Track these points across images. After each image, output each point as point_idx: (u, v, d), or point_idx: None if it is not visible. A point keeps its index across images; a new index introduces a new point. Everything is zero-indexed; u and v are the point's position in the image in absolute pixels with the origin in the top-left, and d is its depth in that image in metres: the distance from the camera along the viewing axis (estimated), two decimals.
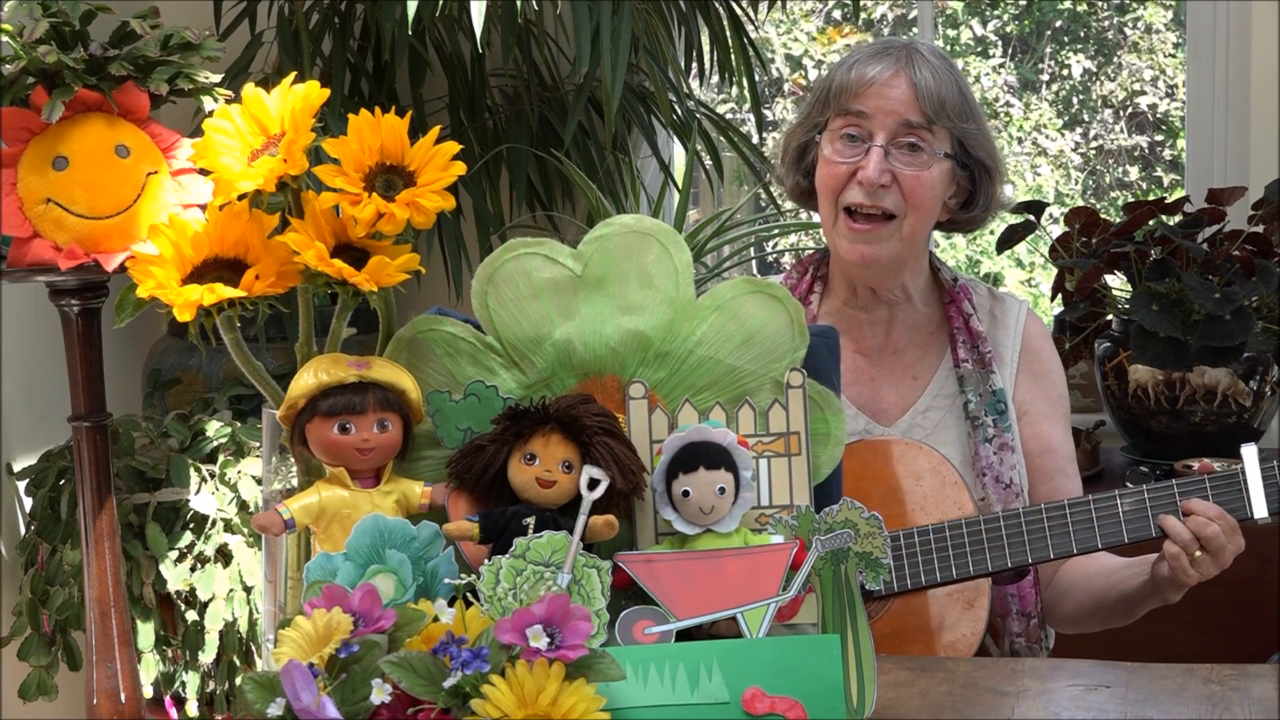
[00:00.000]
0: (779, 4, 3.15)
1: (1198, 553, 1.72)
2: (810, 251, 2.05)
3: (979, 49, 5.60)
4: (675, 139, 3.12)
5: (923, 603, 1.78)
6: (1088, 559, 1.92)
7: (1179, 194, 2.91)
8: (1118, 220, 2.86)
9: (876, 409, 1.96)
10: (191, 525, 2.47)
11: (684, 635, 1.32)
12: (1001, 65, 5.61)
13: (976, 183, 1.94)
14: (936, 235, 2.12)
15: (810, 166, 1.95)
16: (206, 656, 2.46)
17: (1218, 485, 1.75)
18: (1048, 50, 5.54)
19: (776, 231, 3.17)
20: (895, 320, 1.98)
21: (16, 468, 2.67)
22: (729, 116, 3.63)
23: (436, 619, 1.23)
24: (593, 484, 1.31)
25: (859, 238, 1.88)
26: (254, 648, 2.48)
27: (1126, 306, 2.79)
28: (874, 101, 1.86)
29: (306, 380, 1.35)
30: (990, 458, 1.90)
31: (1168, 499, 1.74)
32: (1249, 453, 1.74)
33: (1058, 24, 5.52)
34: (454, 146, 1.36)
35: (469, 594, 1.24)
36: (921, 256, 1.97)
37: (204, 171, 1.41)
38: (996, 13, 5.58)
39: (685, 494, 1.33)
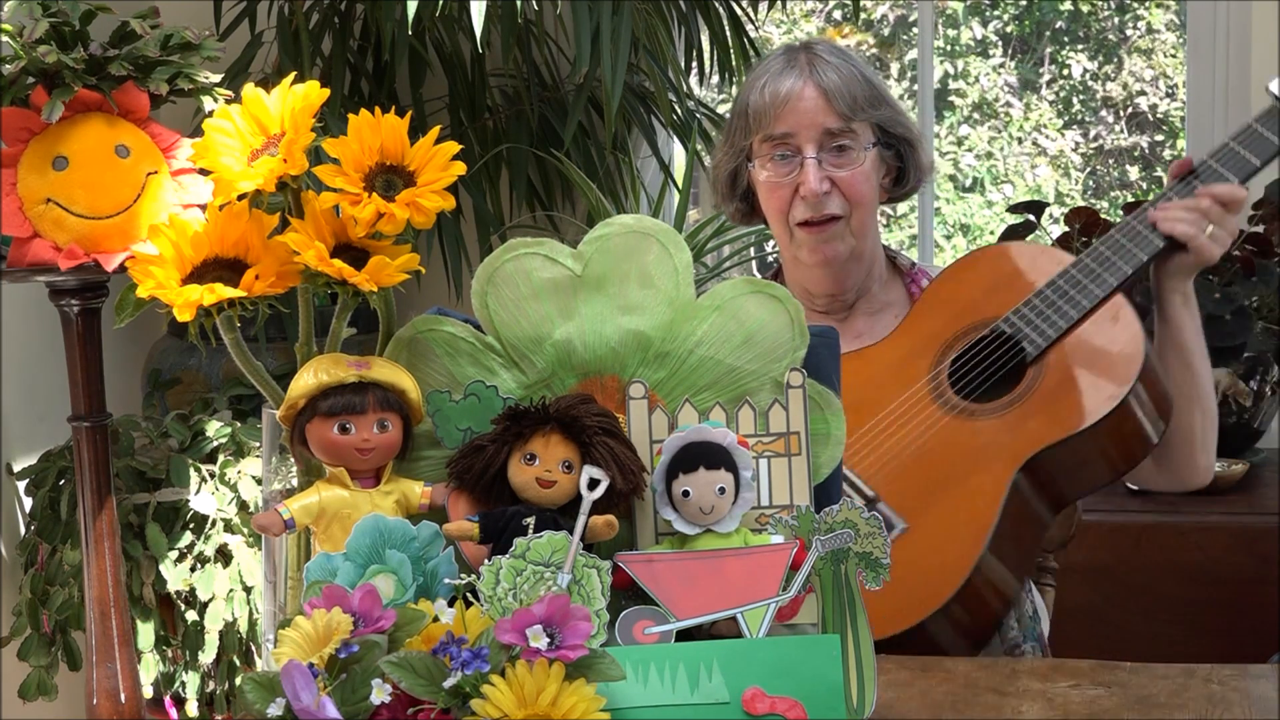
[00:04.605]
0: (779, 4, 3.15)
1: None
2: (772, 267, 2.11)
3: (979, 49, 5.60)
4: (675, 139, 3.12)
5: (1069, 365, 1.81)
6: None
7: None
8: (1118, 220, 2.85)
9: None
10: (191, 525, 2.47)
11: (684, 635, 1.32)
12: (1001, 65, 5.61)
13: (904, 157, 2.00)
14: (937, 237, 2.14)
15: (745, 191, 2.01)
16: (206, 656, 2.46)
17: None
18: (1048, 50, 5.54)
19: None
20: (855, 311, 2.04)
21: (16, 468, 2.67)
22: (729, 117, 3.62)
23: (436, 619, 1.23)
24: (593, 484, 1.30)
25: (816, 240, 1.94)
26: (254, 648, 2.48)
27: None
28: (792, 119, 1.92)
29: (306, 380, 1.34)
30: None
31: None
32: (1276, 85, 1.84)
33: (1058, 24, 5.52)
34: (454, 146, 1.36)
35: (469, 594, 1.24)
36: (877, 244, 2.03)
37: (204, 171, 1.41)
38: (996, 13, 5.58)
39: (685, 494, 1.33)
